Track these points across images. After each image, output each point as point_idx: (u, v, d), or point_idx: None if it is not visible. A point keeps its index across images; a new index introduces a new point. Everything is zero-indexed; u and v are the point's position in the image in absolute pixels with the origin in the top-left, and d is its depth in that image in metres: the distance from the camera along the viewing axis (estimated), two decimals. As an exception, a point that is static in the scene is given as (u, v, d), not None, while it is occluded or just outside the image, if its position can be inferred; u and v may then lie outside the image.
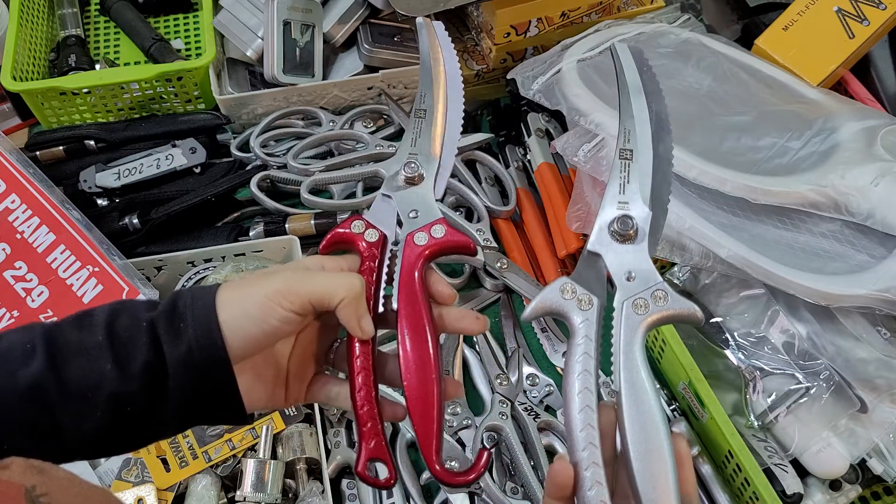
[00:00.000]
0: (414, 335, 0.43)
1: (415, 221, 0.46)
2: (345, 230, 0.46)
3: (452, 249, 0.46)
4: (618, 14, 1.02)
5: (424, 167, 0.48)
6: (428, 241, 0.46)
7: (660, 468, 0.38)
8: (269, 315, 0.41)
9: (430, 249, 0.45)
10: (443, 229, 0.46)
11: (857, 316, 0.73)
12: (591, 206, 0.79)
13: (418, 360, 0.43)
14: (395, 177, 0.48)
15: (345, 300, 0.42)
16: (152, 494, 0.69)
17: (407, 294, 0.44)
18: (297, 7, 0.95)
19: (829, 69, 0.88)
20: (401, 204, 0.47)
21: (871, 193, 0.72)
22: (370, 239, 0.46)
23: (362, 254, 0.46)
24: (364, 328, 0.43)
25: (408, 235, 0.46)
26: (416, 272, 0.45)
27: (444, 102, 0.50)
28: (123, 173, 0.90)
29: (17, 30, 0.95)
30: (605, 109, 0.79)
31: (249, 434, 0.71)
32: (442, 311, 0.46)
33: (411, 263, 0.45)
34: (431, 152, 0.49)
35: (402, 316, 0.44)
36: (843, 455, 0.71)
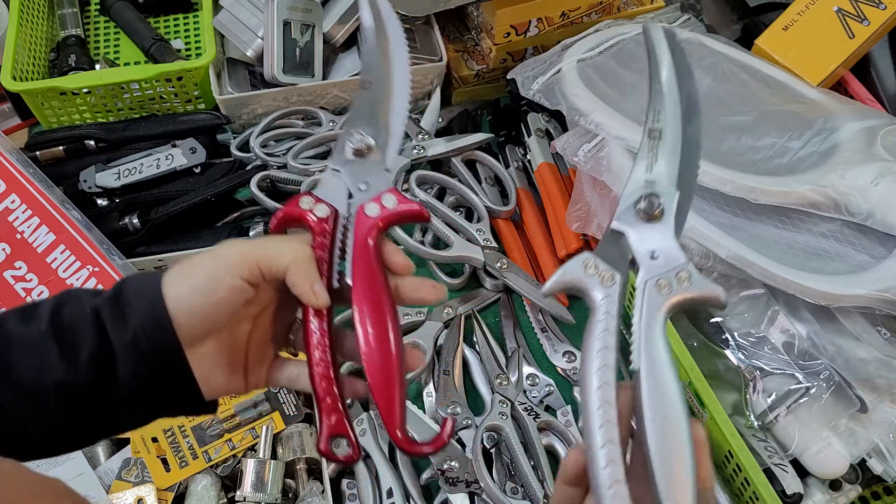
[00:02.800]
0: (370, 307, 0.42)
1: (365, 193, 0.45)
2: (293, 207, 0.45)
3: (405, 218, 0.45)
4: (618, 14, 1.02)
5: (373, 138, 0.47)
6: (380, 211, 0.45)
7: (678, 451, 0.36)
8: (217, 286, 0.40)
9: (382, 220, 0.45)
10: (394, 198, 0.45)
11: (857, 316, 0.73)
12: (590, 206, 0.79)
13: (375, 332, 0.42)
14: (343, 150, 0.47)
15: (293, 264, 0.41)
16: (152, 494, 0.69)
17: (361, 266, 0.43)
18: (297, 7, 0.95)
19: (829, 69, 0.88)
20: (350, 177, 0.46)
21: (871, 193, 0.72)
22: (320, 214, 0.45)
23: (313, 230, 0.45)
24: (317, 293, 0.42)
25: (358, 207, 0.45)
26: (370, 244, 0.44)
27: (389, 72, 0.49)
28: (123, 173, 0.90)
29: (17, 30, 0.95)
30: (605, 109, 0.79)
31: (249, 434, 0.71)
32: (398, 281, 0.45)
33: (363, 235, 0.44)
34: (379, 123, 0.48)
35: (357, 288, 0.43)
36: (843, 455, 0.71)
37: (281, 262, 0.41)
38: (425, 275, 0.90)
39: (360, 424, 0.76)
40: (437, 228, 0.86)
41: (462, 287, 0.88)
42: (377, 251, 0.44)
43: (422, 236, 0.89)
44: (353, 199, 0.45)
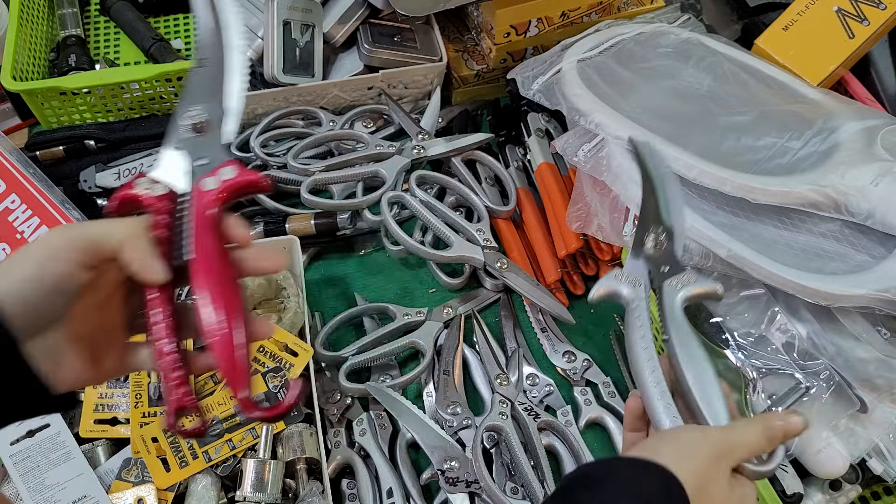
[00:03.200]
0: (211, 279, 0.42)
1: (203, 168, 0.45)
2: (129, 190, 0.45)
3: (244, 189, 0.45)
4: (618, 14, 1.02)
5: (210, 114, 0.47)
6: (218, 184, 0.44)
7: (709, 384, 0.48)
8: (48, 272, 0.39)
9: (221, 192, 0.44)
10: (232, 170, 0.45)
11: (857, 316, 0.73)
12: (590, 207, 0.79)
13: (219, 304, 0.42)
14: (178, 128, 0.47)
15: (126, 240, 0.41)
16: (152, 494, 0.69)
17: (201, 241, 0.43)
18: (297, 7, 0.95)
19: (829, 69, 0.88)
20: (188, 154, 0.46)
21: (871, 193, 0.72)
22: (157, 193, 0.44)
23: (152, 210, 0.44)
24: (153, 267, 0.41)
25: (196, 183, 0.45)
26: (210, 217, 0.44)
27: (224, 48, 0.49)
28: (123, 173, 0.90)
29: (17, 30, 0.95)
30: (605, 109, 0.79)
31: (249, 434, 0.72)
32: (241, 253, 0.45)
33: (202, 209, 0.44)
34: (215, 99, 0.48)
35: (198, 263, 0.43)
36: (843, 455, 0.70)
37: (112, 240, 0.41)
38: (426, 274, 0.90)
39: (360, 425, 0.76)
40: (437, 228, 0.86)
41: (462, 287, 0.88)
42: (217, 224, 0.44)
43: (422, 236, 0.89)
44: (192, 176, 0.45)
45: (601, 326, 0.86)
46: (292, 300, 0.79)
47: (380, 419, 0.77)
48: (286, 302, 0.80)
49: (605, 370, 0.82)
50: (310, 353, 0.76)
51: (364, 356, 0.80)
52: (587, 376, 0.82)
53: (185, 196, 0.44)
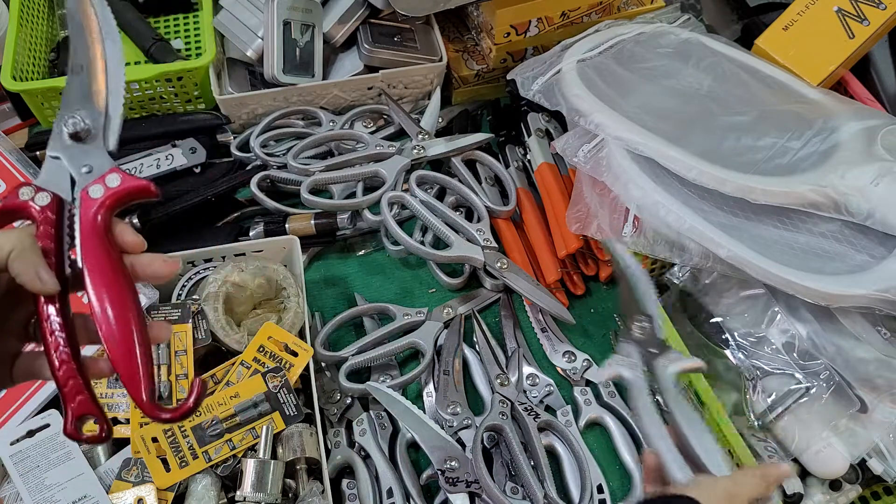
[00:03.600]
0: (103, 286, 0.42)
1: (88, 176, 0.45)
2: (12, 199, 0.44)
3: (132, 195, 0.45)
4: (618, 14, 1.02)
5: (90, 121, 0.46)
6: (104, 191, 0.44)
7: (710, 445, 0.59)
8: None
9: (108, 199, 0.44)
10: (118, 177, 0.44)
11: (857, 316, 0.73)
12: (590, 207, 0.79)
13: (113, 310, 0.42)
14: (60, 136, 0.46)
15: (14, 251, 0.40)
16: (152, 494, 0.69)
17: (90, 249, 0.43)
18: (297, 7, 0.95)
19: (829, 69, 0.88)
20: (71, 162, 0.45)
21: (871, 193, 0.72)
22: (41, 203, 0.44)
23: (36, 219, 0.44)
24: (43, 278, 0.41)
25: (82, 191, 0.44)
26: (98, 225, 0.43)
27: (100, 53, 0.48)
28: (123, 173, 0.90)
29: (17, 30, 0.95)
30: (605, 110, 0.79)
31: (249, 434, 0.72)
32: (132, 259, 0.45)
33: (90, 218, 0.44)
34: (95, 106, 0.47)
35: (89, 270, 0.43)
36: (843, 455, 0.71)
37: (1, 253, 0.41)
38: (426, 274, 0.90)
39: (360, 424, 0.76)
40: (437, 228, 0.86)
41: (462, 287, 0.88)
42: (107, 232, 0.44)
43: (422, 236, 0.89)
44: (77, 184, 0.45)
45: (601, 326, 0.86)
46: (292, 300, 0.79)
47: (380, 419, 0.77)
48: (286, 302, 0.80)
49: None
50: (310, 353, 0.76)
51: (364, 356, 0.80)
52: (587, 376, 0.82)
53: (72, 204, 0.45)
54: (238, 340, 0.76)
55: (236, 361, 0.76)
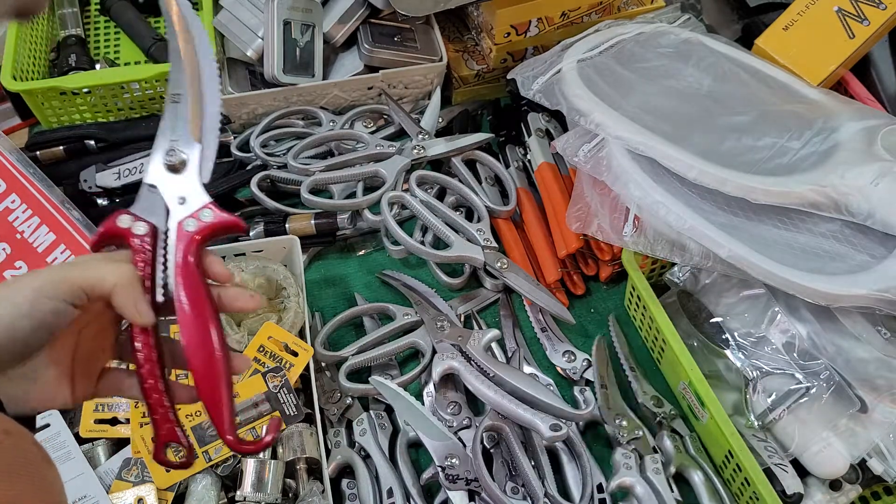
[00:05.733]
0: (193, 317, 0.44)
1: (183, 208, 0.47)
2: (112, 226, 0.46)
3: (222, 231, 0.47)
4: (618, 14, 1.02)
5: (187, 152, 0.48)
6: (198, 225, 0.46)
7: None
8: (38, 307, 0.40)
9: (200, 234, 0.46)
10: (211, 213, 0.46)
11: (857, 316, 0.73)
12: (590, 207, 0.79)
13: (200, 341, 0.44)
14: (158, 166, 0.48)
15: (118, 285, 0.42)
16: (152, 494, 0.69)
17: (183, 279, 0.45)
18: (297, 7, 0.95)
19: (829, 69, 0.88)
20: (167, 193, 0.47)
21: (871, 193, 0.72)
22: (139, 232, 0.46)
23: (133, 247, 0.46)
24: (141, 312, 0.43)
25: (178, 224, 0.46)
26: (190, 257, 0.45)
27: (198, 83, 0.49)
28: (123, 173, 0.90)
29: (17, 30, 0.95)
30: (605, 109, 0.79)
31: (250, 434, 0.72)
32: (220, 291, 0.47)
33: (184, 250, 0.46)
34: (192, 137, 0.48)
35: (180, 301, 0.45)
36: (844, 455, 0.71)
37: (106, 285, 0.42)
38: (426, 274, 0.90)
39: (360, 424, 0.76)
40: (437, 228, 0.86)
41: (462, 287, 0.88)
42: (198, 263, 0.46)
43: (422, 236, 0.89)
44: (171, 214, 0.47)
45: (601, 326, 0.87)
46: (292, 300, 0.79)
47: (380, 419, 0.77)
48: (286, 302, 0.80)
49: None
50: (310, 352, 0.76)
51: (364, 356, 0.79)
52: (587, 376, 0.82)
53: (166, 234, 0.46)
54: (238, 340, 0.76)
55: (236, 361, 0.76)
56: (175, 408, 0.46)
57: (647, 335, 0.84)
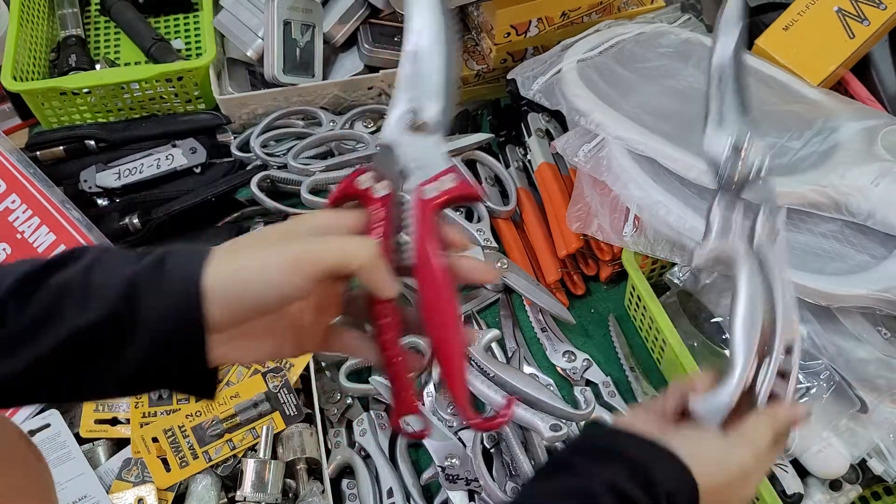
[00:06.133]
0: (433, 287, 0.43)
1: (422, 173, 0.44)
2: (351, 184, 0.44)
3: (462, 200, 0.45)
4: (618, 14, 1.02)
5: (427, 112, 0.45)
6: (438, 192, 0.44)
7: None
8: (287, 284, 0.38)
9: (440, 200, 0.44)
10: (453, 180, 0.44)
11: (858, 316, 0.73)
12: (591, 207, 0.79)
13: (440, 311, 0.43)
14: (396, 125, 0.45)
15: (364, 265, 0.40)
16: (152, 494, 0.69)
17: (423, 248, 0.43)
18: (297, 7, 0.95)
19: (829, 69, 0.88)
20: (405, 154, 0.44)
21: (872, 193, 0.72)
22: (378, 194, 0.43)
23: (371, 209, 0.44)
24: (387, 286, 0.41)
25: (416, 188, 0.44)
26: (430, 225, 0.43)
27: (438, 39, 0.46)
28: (124, 173, 0.90)
29: (17, 30, 0.95)
30: (605, 109, 0.79)
31: (250, 434, 0.72)
32: (455, 261, 0.44)
33: (423, 217, 0.43)
34: (433, 95, 0.45)
35: (419, 269, 0.43)
36: (844, 455, 0.71)
37: (351, 266, 0.40)
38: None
39: (360, 424, 0.76)
40: (437, 228, 0.86)
41: (462, 287, 0.88)
42: (436, 231, 0.43)
43: (422, 236, 0.89)
44: (410, 178, 0.44)
45: (601, 326, 0.86)
46: (292, 300, 0.79)
47: (380, 419, 0.77)
48: (286, 302, 0.80)
49: (605, 370, 0.82)
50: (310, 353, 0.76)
51: (364, 356, 0.79)
52: (587, 376, 0.82)
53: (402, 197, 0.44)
54: (238, 340, 0.76)
55: (236, 361, 0.76)
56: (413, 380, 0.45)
57: (647, 335, 0.84)
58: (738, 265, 0.49)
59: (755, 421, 0.47)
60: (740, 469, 0.45)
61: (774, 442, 0.47)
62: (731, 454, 0.46)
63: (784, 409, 0.48)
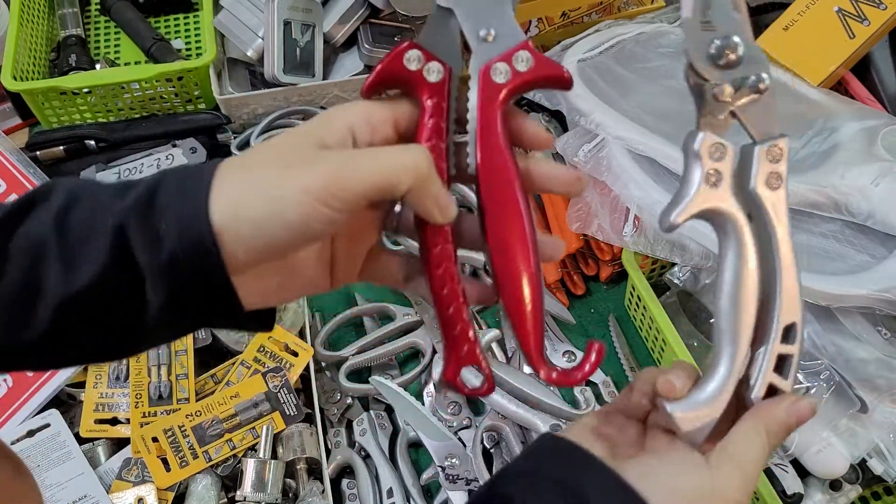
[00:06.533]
0: (502, 204, 0.34)
1: (489, 47, 0.34)
2: (396, 64, 0.34)
3: (542, 84, 0.35)
4: (618, 14, 1.02)
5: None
6: (510, 75, 0.34)
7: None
8: (311, 219, 0.30)
9: (512, 85, 0.34)
10: (528, 58, 0.34)
11: (858, 316, 0.73)
12: (591, 207, 0.79)
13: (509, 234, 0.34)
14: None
15: (413, 188, 0.32)
16: (152, 494, 0.69)
17: (487, 147, 0.34)
18: (297, 7, 0.95)
19: (829, 69, 0.88)
20: (467, 19, 0.34)
21: (872, 193, 0.72)
22: (432, 77, 0.34)
23: (422, 98, 0.34)
24: (443, 210, 0.33)
25: (483, 68, 0.34)
26: (497, 116, 0.34)
27: None
28: (124, 173, 0.90)
29: (17, 29, 0.95)
30: (606, 109, 0.79)
31: (250, 434, 0.72)
32: (530, 163, 0.35)
33: (489, 106, 0.34)
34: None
35: (483, 176, 0.34)
36: (844, 455, 0.70)
37: (398, 189, 0.31)
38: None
39: (360, 424, 0.76)
40: (437, 228, 0.86)
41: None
42: (505, 126, 0.34)
43: (422, 236, 0.89)
44: (474, 53, 0.34)
45: (601, 326, 0.86)
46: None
47: (380, 419, 0.77)
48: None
49: (604, 370, 0.82)
50: (310, 352, 0.76)
51: (364, 356, 0.79)
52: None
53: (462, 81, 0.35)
54: (238, 340, 0.76)
55: (236, 361, 0.76)
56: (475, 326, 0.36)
57: (647, 335, 0.84)
58: (725, 222, 0.38)
59: (745, 433, 0.37)
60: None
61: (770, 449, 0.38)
62: (715, 494, 0.35)
63: (782, 410, 0.38)
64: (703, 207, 0.37)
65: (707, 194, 0.37)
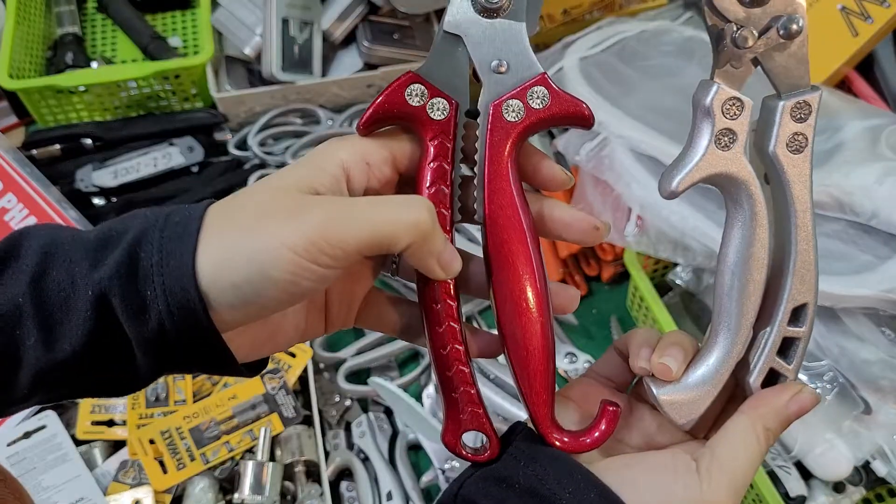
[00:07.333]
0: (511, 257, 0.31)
1: (502, 79, 0.31)
2: (397, 99, 0.31)
3: (558, 122, 0.32)
4: (620, 11, 1.01)
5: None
6: (524, 113, 0.31)
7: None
8: (299, 277, 0.28)
9: (525, 125, 0.31)
10: (545, 94, 0.31)
11: (862, 317, 0.72)
12: (592, 207, 0.79)
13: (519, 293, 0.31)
14: (463, 5, 0.31)
15: (413, 245, 0.29)
16: (150, 497, 0.68)
17: (496, 195, 0.31)
18: (295, 4, 0.94)
19: (832, 67, 0.88)
20: (478, 48, 0.31)
21: (876, 193, 0.72)
22: (436, 115, 0.31)
23: (425, 138, 0.31)
24: (448, 270, 0.31)
25: (494, 105, 0.31)
26: (507, 161, 0.31)
27: None
28: (120, 172, 0.89)
29: (13, 27, 0.94)
30: (608, 108, 0.78)
31: (248, 436, 0.71)
32: (544, 207, 0.33)
33: (499, 148, 0.31)
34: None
35: (493, 229, 0.31)
36: (847, 457, 0.70)
37: (396, 245, 0.29)
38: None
39: (359, 427, 0.76)
40: (437, 228, 0.85)
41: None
42: (516, 169, 0.32)
43: (422, 236, 0.89)
44: (484, 86, 0.31)
45: (603, 327, 0.86)
46: (291, 300, 0.78)
47: (379, 421, 0.77)
48: (285, 302, 0.79)
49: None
50: (308, 354, 0.76)
51: (363, 357, 0.79)
52: (588, 377, 0.81)
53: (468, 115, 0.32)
54: (236, 341, 0.76)
55: (234, 362, 0.75)
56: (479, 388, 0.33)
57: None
58: (735, 188, 0.34)
59: (740, 434, 0.33)
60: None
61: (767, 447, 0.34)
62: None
63: (782, 402, 0.34)
64: (711, 172, 0.33)
65: (716, 157, 0.33)
